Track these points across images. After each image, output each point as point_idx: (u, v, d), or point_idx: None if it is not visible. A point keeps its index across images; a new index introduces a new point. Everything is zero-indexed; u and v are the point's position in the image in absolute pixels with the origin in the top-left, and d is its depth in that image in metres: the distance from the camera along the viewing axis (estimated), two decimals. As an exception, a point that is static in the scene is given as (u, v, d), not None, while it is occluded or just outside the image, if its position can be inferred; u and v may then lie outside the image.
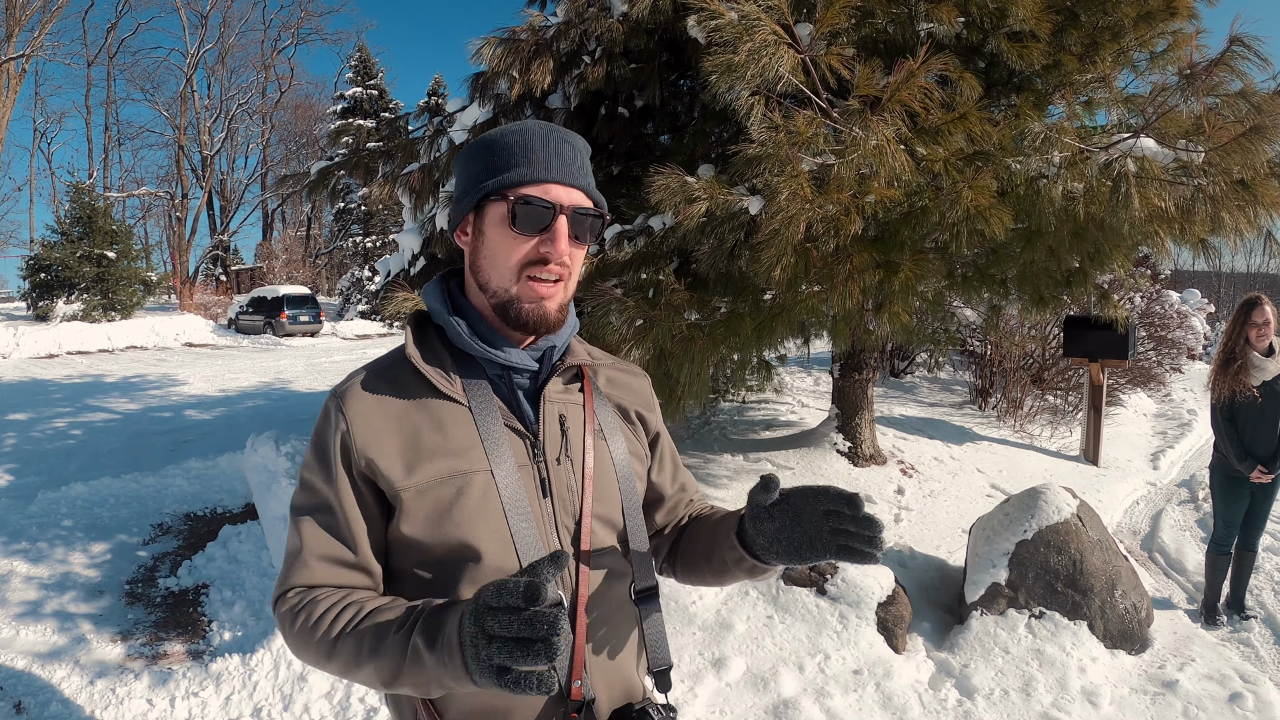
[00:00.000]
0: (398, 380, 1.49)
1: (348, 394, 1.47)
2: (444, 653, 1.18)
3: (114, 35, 47.43)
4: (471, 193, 1.47)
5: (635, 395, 1.75)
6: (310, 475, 1.49)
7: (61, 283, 27.84)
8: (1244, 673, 4.85)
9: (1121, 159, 3.82)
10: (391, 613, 1.32)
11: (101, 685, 4.57)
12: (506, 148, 1.45)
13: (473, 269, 1.51)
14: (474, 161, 1.49)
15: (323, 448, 1.47)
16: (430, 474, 1.42)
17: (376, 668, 1.29)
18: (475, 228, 1.49)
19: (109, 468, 9.24)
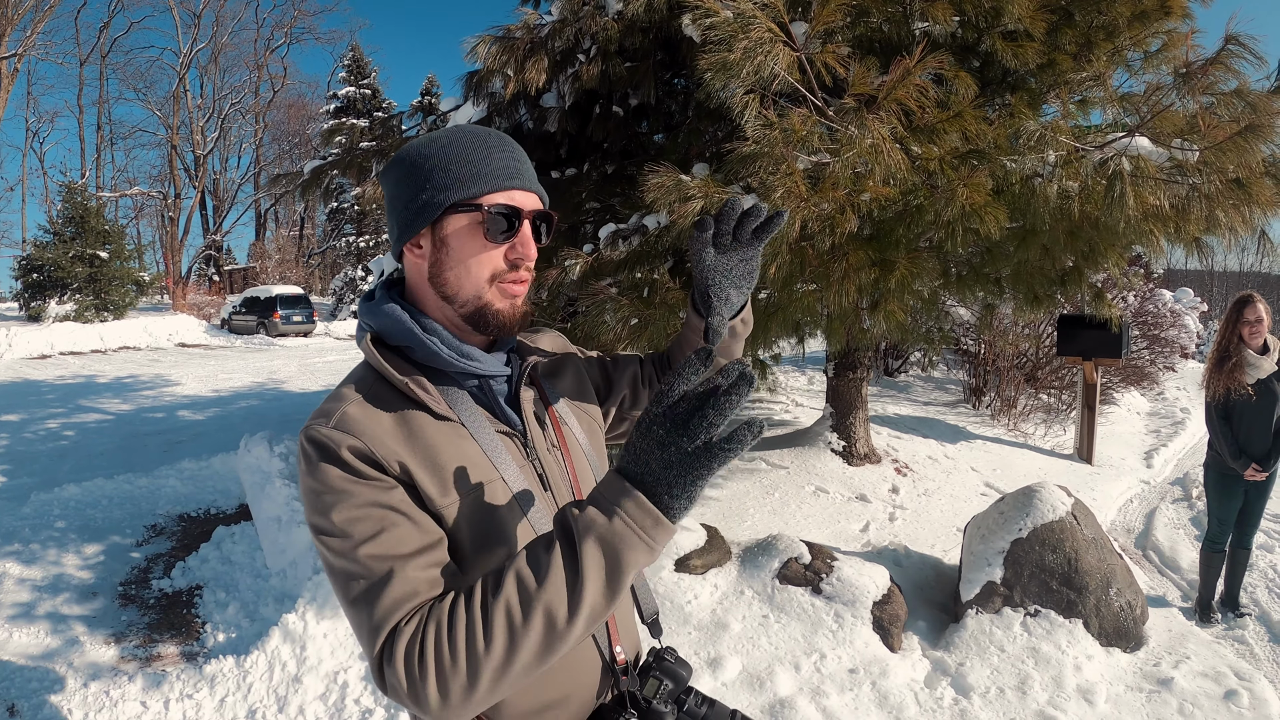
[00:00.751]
0: (385, 401, 1.42)
1: (340, 418, 1.36)
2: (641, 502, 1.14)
3: (106, 34, 47.37)
4: (431, 206, 1.43)
5: (562, 359, 1.81)
6: (335, 508, 1.31)
7: (54, 283, 27.76)
8: (1239, 670, 4.85)
9: (1116, 158, 3.82)
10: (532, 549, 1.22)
11: (95, 687, 4.55)
12: (461, 158, 1.44)
13: (434, 281, 1.47)
14: (420, 174, 1.45)
15: (337, 471, 1.32)
16: (460, 489, 1.39)
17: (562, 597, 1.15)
18: (435, 240, 1.46)
19: (102, 469, 9.22)
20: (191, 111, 48.01)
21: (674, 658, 1.60)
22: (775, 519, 6.64)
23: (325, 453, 1.33)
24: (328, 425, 1.35)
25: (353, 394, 1.42)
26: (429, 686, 1.15)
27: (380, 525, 1.29)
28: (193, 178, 47.76)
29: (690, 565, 5.22)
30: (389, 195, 1.50)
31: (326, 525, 1.30)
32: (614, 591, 1.16)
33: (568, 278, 4.75)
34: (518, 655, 1.15)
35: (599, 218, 5.66)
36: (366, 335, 1.47)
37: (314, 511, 1.33)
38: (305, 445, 1.36)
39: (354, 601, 1.26)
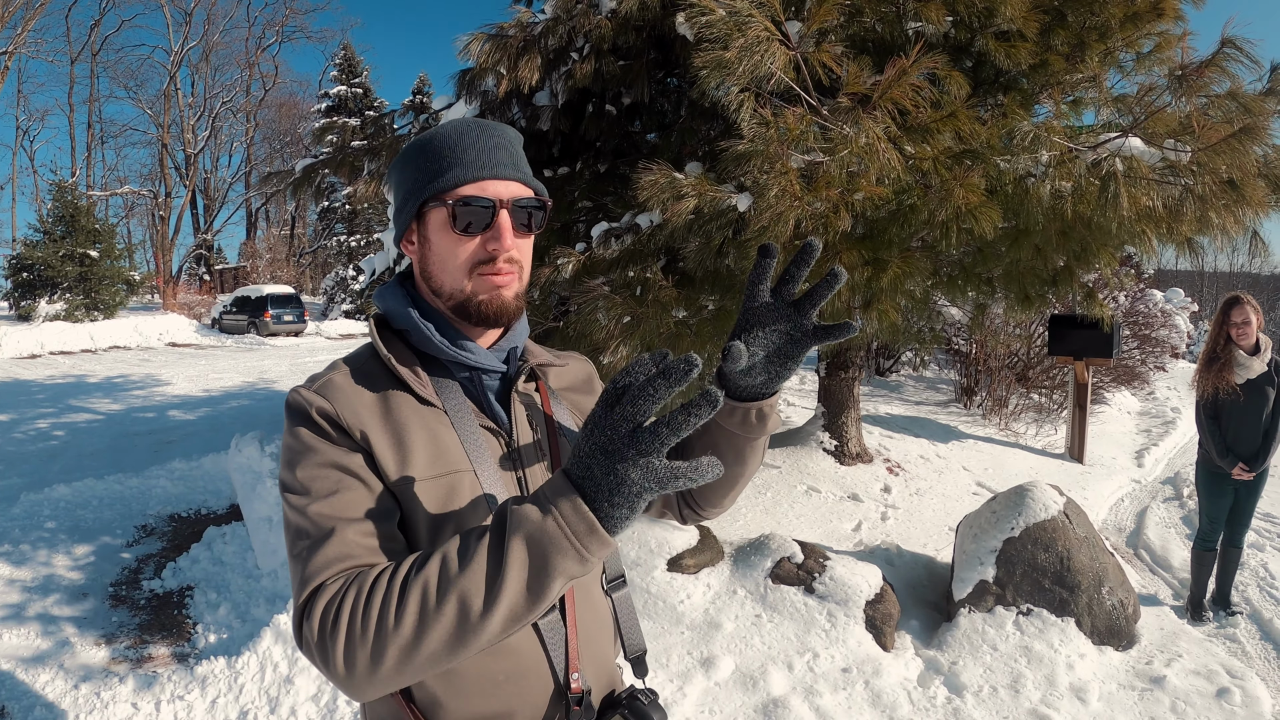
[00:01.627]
0: (371, 378, 1.44)
1: (320, 384, 1.42)
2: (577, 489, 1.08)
3: (97, 32, 47.20)
4: (411, 201, 1.46)
5: (584, 384, 1.75)
6: (299, 464, 1.34)
7: (44, 282, 27.67)
8: (1231, 668, 4.87)
9: (1110, 158, 3.83)
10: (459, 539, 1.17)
11: (86, 689, 4.53)
12: (437, 151, 1.43)
13: (424, 275, 1.50)
14: (409, 169, 1.47)
15: (307, 431, 1.37)
16: (422, 471, 1.37)
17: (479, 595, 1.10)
18: (420, 235, 1.48)
19: (92, 469, 9.19)
20: (182, 110, 47.92)
21: (649, 700, 1.53)
22: (767, 518, 6.64)
23: (297, 412, 1.39)
24: (309, 388, 1.41)
25: (343, 365, 1.47)
26: (337, 651, 1.14)
27: (335, 486, 1.31)
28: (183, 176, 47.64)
29: (683, 565, 5.22)
30: (391, 190, 1.55)
31: (290, 480, 1.35)
32: (536, 595, 1.10)
33: (560, 276, 4.75)
34: (425, 638, 1.10)
35: (591, 216, 5.66)
36: (374, 316, 1.54)
37: (283, 466, 1.38)
38: (287, 404, 1.41)
39: (295, 556, 1.28)
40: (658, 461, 1.03)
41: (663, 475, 1.03)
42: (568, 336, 4.80)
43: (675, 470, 1.02)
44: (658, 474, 1.03)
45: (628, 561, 5.18)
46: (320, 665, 1.17)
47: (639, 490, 1.04)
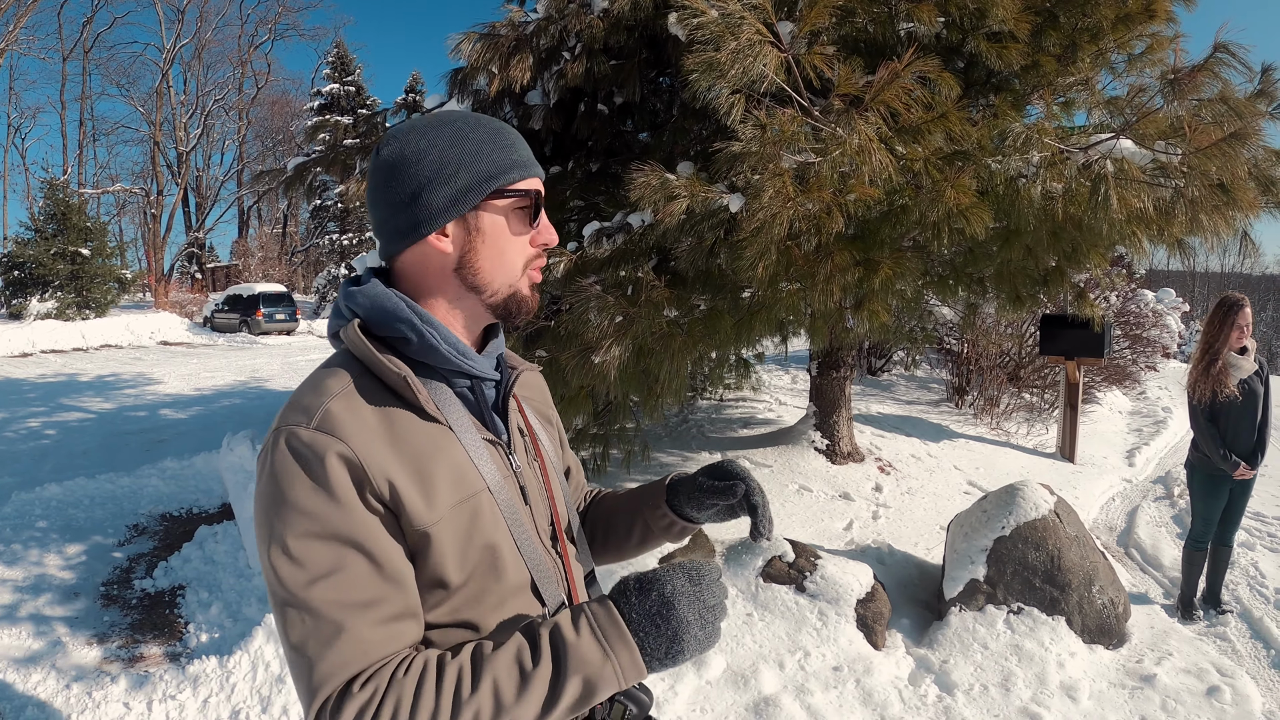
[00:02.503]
0: (370, 395, 1.29)
1: (323, 418, 1.22)
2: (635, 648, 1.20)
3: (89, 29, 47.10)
4: (473, 190, 1.34)
5: (543, 394, 1.77)
6: (295, 528, 1.17)
7: (35, 280, 27.60)
8: (1221, 667, 4.89)
9: (1101, 160, 3.84)
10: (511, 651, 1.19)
11: (78, 689, 4.53)
12: (493, 143, 1.36)
13: (463, 271, 1.37)
14: (456, 157, 1.34)
15: (314, 487, 1.18)
16: (446, 502, 1.28)
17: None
18: (470, 227, 1.36)
19: (84, 468, 9.16)
20: (174, 108, 47.83)
21: (639, 684, 1.47)
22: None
23: (303, 459, 1.19)
24: (309, 424, 1.22)
25: (336, 386, 1.28)
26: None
27: (337, 562, 1.17)
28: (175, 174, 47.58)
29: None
30: (401, 178, 1.34)
31: (281, 545, 1.17)
32: (574, 713, 1.20)
33: (552, 275, 4.75)
34: None
35: (583, 215, 5.66)
36: (353, 322, 1.33)
37: (271, 524, 1.19)
38: (279, 446, 1.21)
39: (295, 646, 1.16)
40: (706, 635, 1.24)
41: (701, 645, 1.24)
42: (559, 336, 4.81)
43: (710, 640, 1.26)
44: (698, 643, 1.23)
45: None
46: None
47: (680, 654, 1.22)
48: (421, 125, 1.36)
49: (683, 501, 1.66)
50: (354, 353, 1.33)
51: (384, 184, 1.35)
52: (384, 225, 1.38)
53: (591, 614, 1.22)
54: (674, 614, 1.21)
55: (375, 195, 1.38)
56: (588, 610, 1.23)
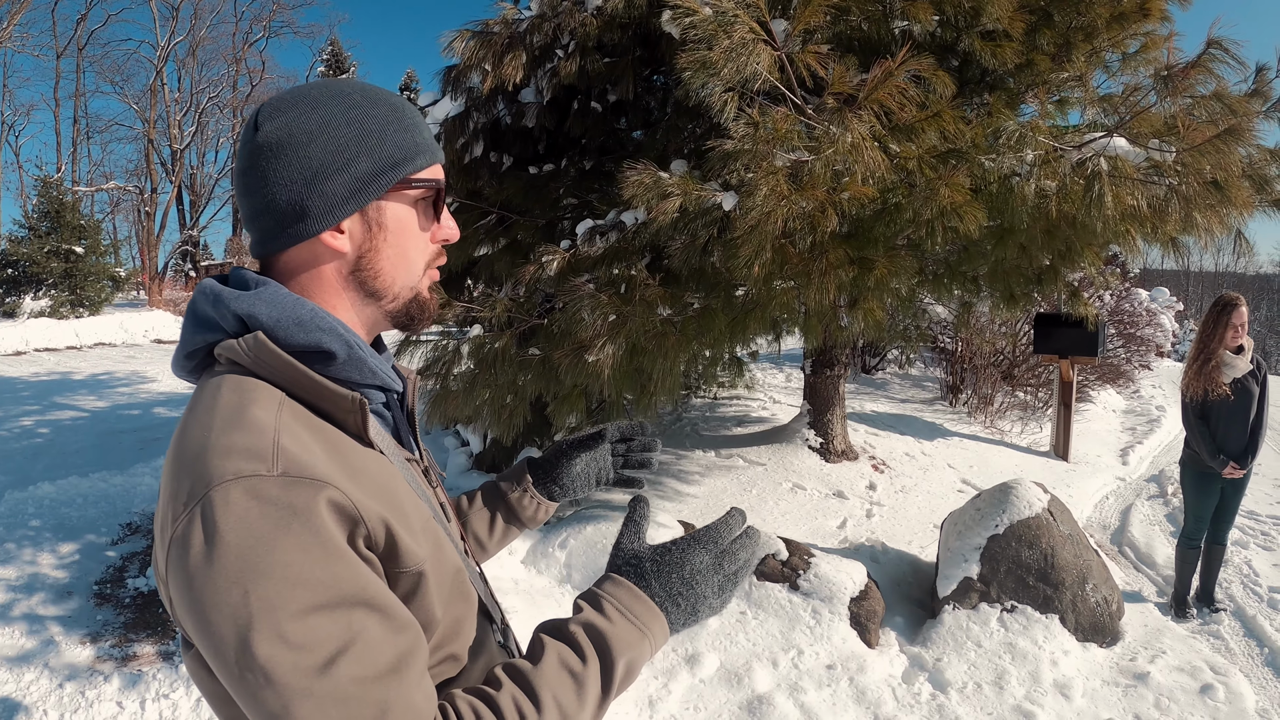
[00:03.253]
0: (311, 432, 1.05)
1: (290, 457, 0.98)
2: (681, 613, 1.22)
3: (83, 27, 46.83)
4: (377, 180, 1.15)
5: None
6: (304, 605, 0.92)
7: (29, 279, 27.48)
8: (1214, 664, 4.90)
9: (1094, 158, 3.84)
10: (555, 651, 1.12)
11: (71, 688, 4.51)
12: (397, 123, 1.17)
13: (361, 273, 1.18)
14: (355, 138, 1.13)
15: (310, 543, 0.94)
16: (423, 534, 1.13)
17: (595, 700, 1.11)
18: (371, 222, 1.16)
19: (77, 467, 9.13)
20: (169, 105, 47.65)
21: None
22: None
23: (281, 515, 0.93)
24: (270, 470, 0.96)
25: (266, 417, 1.02)
26: None
27: (352, 631, 0.94)
28: (169, 172, 47.40)
29: (669, 562, 5.21)
30: (288, 163, 1.11)
31: (273, 631, 0.90)
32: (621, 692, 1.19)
33: (545, 274, 4.75)
34: None
35: (576, 214, 5.66)
36: (256, 333, 1.07)
37: (246, 608, 0.90)
38: (230, 506, 0.93)
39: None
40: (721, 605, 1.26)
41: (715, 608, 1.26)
42: (552, 334, 4.80)
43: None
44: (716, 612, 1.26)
45: (613, 559, 5.18)
46: None
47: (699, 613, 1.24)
48: (310, 97, 1.14)
49: (544, 475, 1.64)
50: (266, 372, 1.08)
51: (265, 169, 1.11)
52: (261, 218, 1.14)
53: (615, 598, 1.18)
54: (694, 591, 1.21)
55: (251, 181, 1.12)
56: (607, 595, 1.19)
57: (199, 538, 0.92)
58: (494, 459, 6.79)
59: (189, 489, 0.95)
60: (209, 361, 1.14)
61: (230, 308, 1.08)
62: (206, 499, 0.93)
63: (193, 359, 1.16)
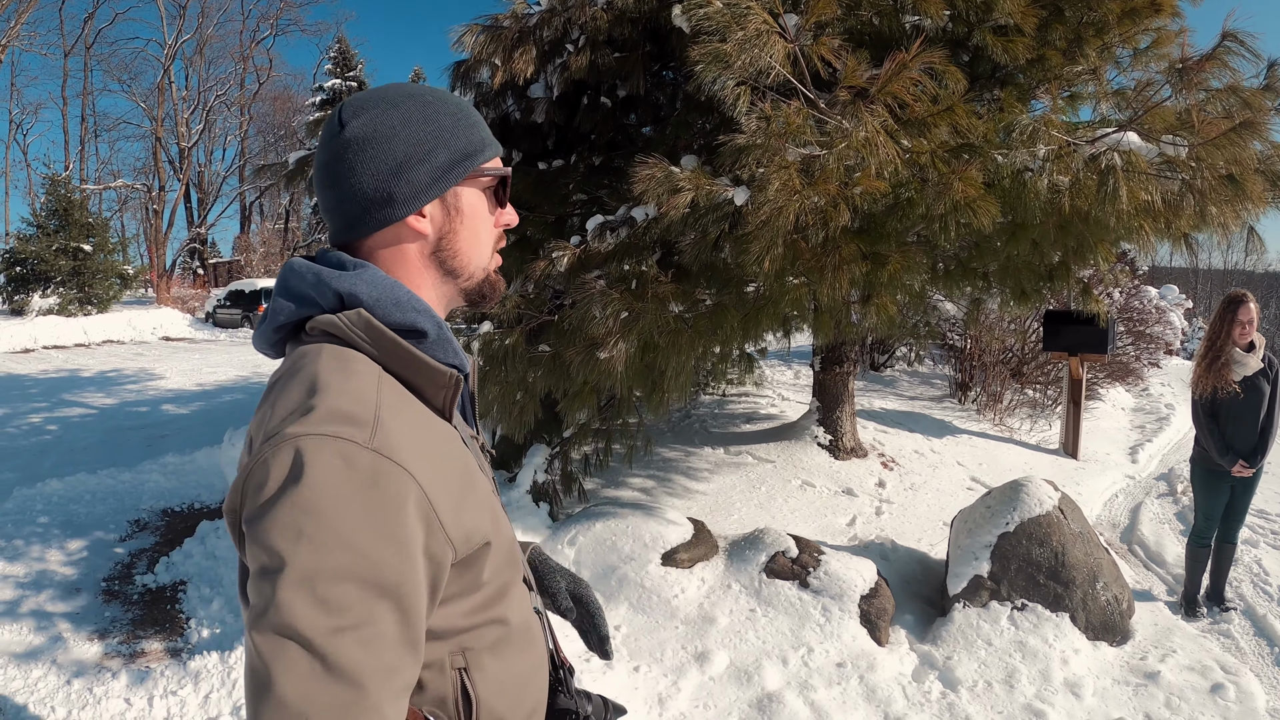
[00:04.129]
0: (403, 403, 1.14)
1: (388, 436, 1.05)
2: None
3: (91, 25, 47.00)
4: (457, 168, 1.28)
5: None
6: (343, 570, 0.97)
7: (37, 276, 27.53)
8: (1225, 664, 4.87)
9: (1108, 153, 3.82)
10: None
11: (79, 685, 4.51)
12: (467, 117, 1.31)
13: (441, 254, 1.30)
14: (435, 131, 1.26)
15: (380, 523, 1.00)
16: (487, 508, 1.23)
17: None
18: (450, 207, 1.29)
19: (85, 464, 9.14)
20: (176, 103, 47.72)
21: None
22: (762, 513, 6.64)
23: (365, 487, 1.00)
24: (367, 441, 1.03)
25: (369, 388, 1.10)
26: None
27: (371, 616, 0.98)
28: (177, 170, 47.50)
29: (677, 559, 5.21)
30: (376, 155, 1.23)
31: (304, 577, 0.96)
32: None
33: (555, 270, 4.73)
34: None
35: (586, 209, 5.65)
36: (358, 310, 1.17)
37: (294, 547, 0.97)
38: (325, 457, 1.00)
39: (286, 695, 0.93)
40: None
41: None
42: (563, 331, 4.79)
43: None
44: None
45: (622, 556, 5.17)
46: None
47: None
48: (388, 97, 1.27)
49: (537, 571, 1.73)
50: (365, 345, 1.16)
51: (353, 161, 1.23)
52: (347, 205, 1.25)
53: None
54: None
55: (338, 172, 1.24)
56: None
57: (283, 472, 0.99)
58: (504, 456, 6.78)
59: (287, 432, 1.02)
60: (296, 334, 1.24)
61: (331, 285, 1.18)
62: (302, 444, 1.00)
63: (280, 332, 1.25)
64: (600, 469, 7.20)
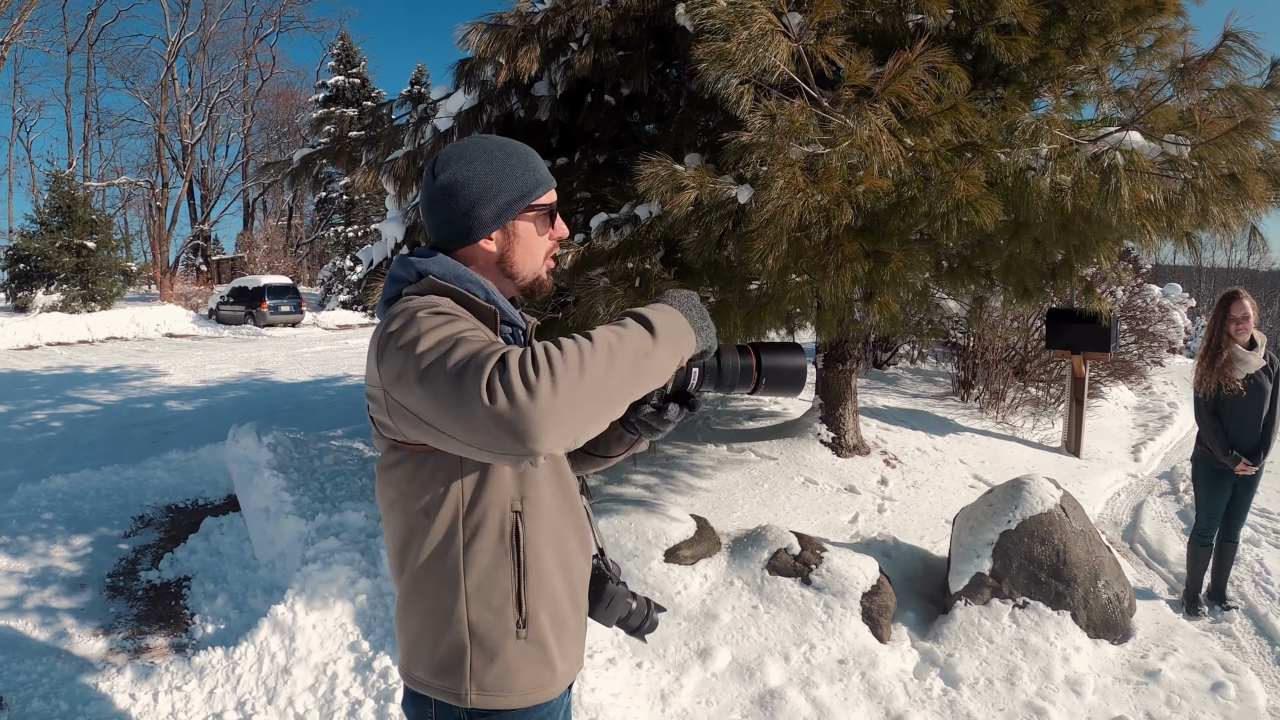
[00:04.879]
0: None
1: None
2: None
3: (94, 22, 47.05)
4: (512, 208, 1.81)
5: None
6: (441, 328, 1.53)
7: (41, 273, 27.56)
8: (1226, 663, 4.88)
9: (1110, 152, 3.82)
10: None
11: (84, 680, 4.53)
12: (527, 162, 1.84)
13: (503, 264, 1.86)
14: (507, 175, 1.80)
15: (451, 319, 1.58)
16: None
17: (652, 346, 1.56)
18: (510, 234, 1.84)
19: (89, 460, 9.16)
20: (179, 100, 47.78)
21: (615, 566, 2.20)
22: (764, 510, 6.65)
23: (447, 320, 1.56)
24: (446, 308, 1.63)
25: (441, 300, 1.68)
26: (542, 377, 1.36)
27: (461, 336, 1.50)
28: (180, 167, 47.55)
29: (680, 556, 5.22)
30: (457, 199, 1.79)
31: (426, 344, 1.49)
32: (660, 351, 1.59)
33: (559, 267, 4.74)
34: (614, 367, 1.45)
35: (590, 207, 5.65)
36: (427, 275, 1.75)
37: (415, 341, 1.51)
38: (424, 315, 1.57)
39: (457, 360, 1.43)
40: None
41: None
42: (567, 328, 4.80)
43: None
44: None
45: (625, 553, 5.18)
46: (522, 398, 1.35)
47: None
48: (468, 153, 1.81)
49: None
50: (440, 291, 1.72)
51: (443, 202, 1.80)
52: (441, 229, 1.83)
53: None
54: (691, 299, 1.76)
55: (434, 209, 1.82)
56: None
57: (406, 318, 1.58)
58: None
59: (403, 314, 1.60)
60: (396, 298, 1.77)
61: (415, 266, 1.78)
62: (413, 314, 1.58)
63: (389, 304, 1.76)
64: (602, 465, 7.21)
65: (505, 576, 1.75)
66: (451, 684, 1.75)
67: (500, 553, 1.74)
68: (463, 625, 1.74)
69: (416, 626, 1.80)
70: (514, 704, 1.78)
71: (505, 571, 1.75)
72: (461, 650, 1.74)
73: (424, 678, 1.79)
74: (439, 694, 1.78)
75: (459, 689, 1.75)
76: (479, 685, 1.75)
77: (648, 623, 2.20)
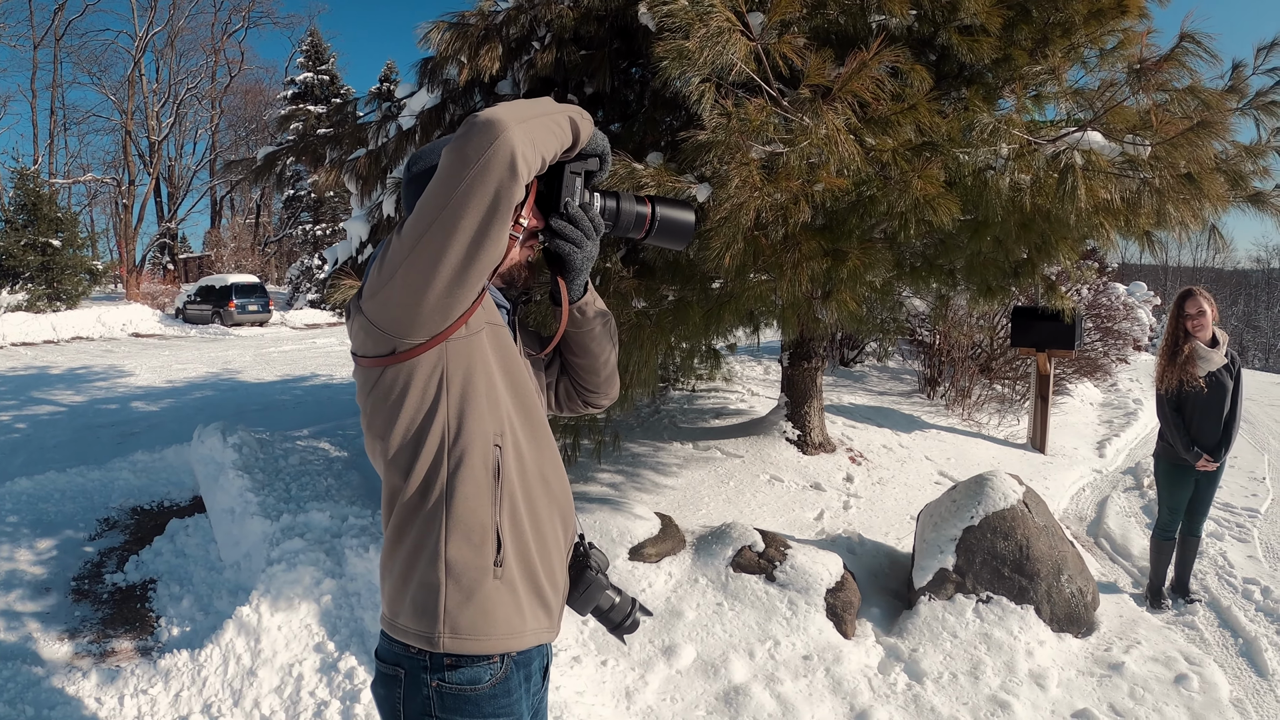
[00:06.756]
0: None
1: None
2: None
3: (61, 16, 46.49)
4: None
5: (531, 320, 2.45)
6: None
7: (5, 272, 27.28)
8: (1189, 655, 4.94)
9: (1069, 151, 3.86)
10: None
11: (49, 685, 4.49)
12: None
13: None
14: None
15: None
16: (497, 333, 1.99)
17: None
18: None
19: (54, 462, 9.07)
20: (147, 96, 47.35)
21: (592, 546, 2.23)
22: (730, 507, 6.67)
23: None
24: None
25: None
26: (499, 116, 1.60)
27: None
28: (147, 164, 47.14)
29: (644, 554, 5.23)
30: None
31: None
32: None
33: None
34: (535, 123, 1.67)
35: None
36: None
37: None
38: None
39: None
40: None
41: None
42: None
43: None
44: None
45: (592, 551, 5.18)
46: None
47: None
48: (441, 148, 1.85)
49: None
50: None
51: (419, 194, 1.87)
52: None
53: None
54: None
55: (412, 201, 1.94)
56: None
57: None
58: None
59: None
60: None
61: None
62: None
63: None
64: (569, 463, 7.20)
65: (485, 510, 1.82)
66: (425, 626, 1.80)
67: (484, 483, 1.82)
68: (440, 562, 1.79)
69: (400, 568, 1.86)
70: (484, 649, 1.82)
71: (485, 503, 1.82)
72: (436, 588, 1.79)
73: (405, 623, 1.83)
74: (415, 639, 1.82)
75: (432, 631, 1.80)
76: (452, 627, 1.79)
77: (629, 621, 2.25)
